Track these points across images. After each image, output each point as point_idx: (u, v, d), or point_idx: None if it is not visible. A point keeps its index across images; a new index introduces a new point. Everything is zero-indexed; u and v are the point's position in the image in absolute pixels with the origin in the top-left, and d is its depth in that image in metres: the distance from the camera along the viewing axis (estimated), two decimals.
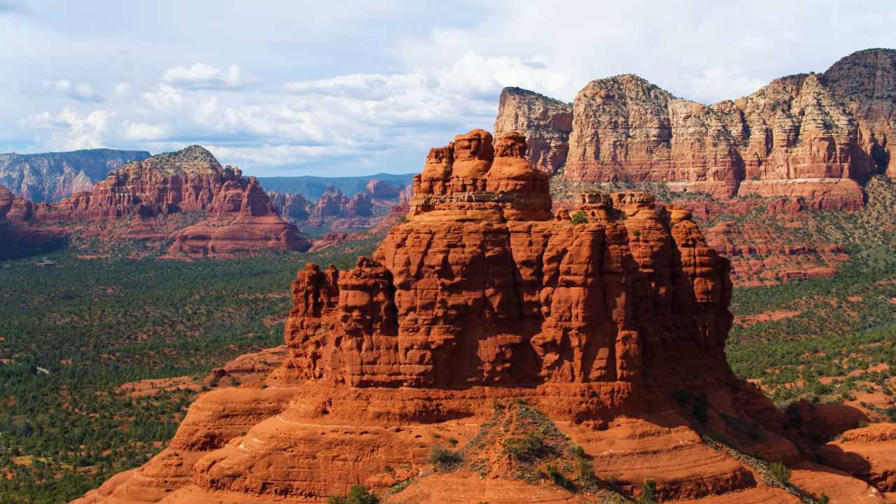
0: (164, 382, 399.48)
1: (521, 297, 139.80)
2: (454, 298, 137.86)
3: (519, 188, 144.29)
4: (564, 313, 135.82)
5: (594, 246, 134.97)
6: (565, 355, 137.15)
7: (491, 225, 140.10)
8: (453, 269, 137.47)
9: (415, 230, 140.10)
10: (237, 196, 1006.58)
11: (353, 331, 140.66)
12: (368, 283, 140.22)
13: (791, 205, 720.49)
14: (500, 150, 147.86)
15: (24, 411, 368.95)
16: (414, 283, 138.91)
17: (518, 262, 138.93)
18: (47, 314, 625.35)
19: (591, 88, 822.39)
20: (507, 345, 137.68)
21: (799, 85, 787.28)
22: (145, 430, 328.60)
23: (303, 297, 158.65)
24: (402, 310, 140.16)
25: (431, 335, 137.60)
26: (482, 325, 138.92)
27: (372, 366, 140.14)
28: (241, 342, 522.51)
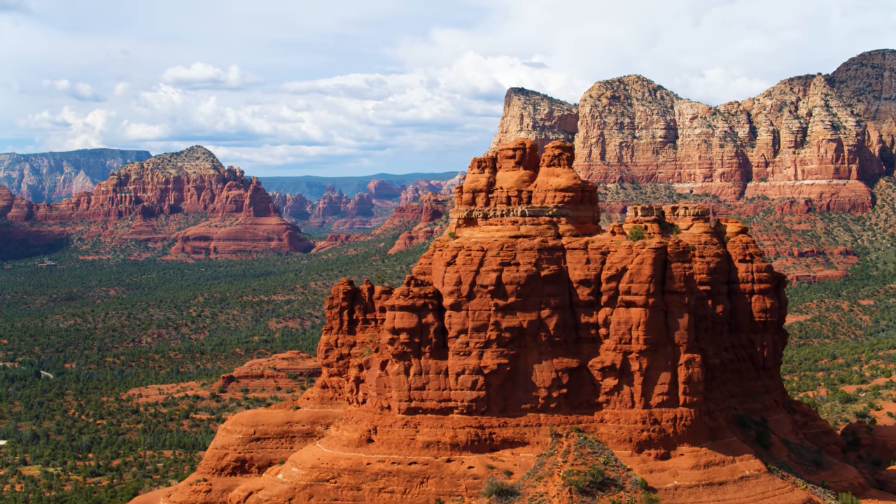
0: (172, 388, 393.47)
1: (577, 318, 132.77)
2: (508, 320, 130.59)
3: (567, 200, 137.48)
4: (624, 336, 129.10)
5: (656, 264, 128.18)
6: (625, 380, 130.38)
7: (546, 241, 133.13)
8: (507, 288, 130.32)
9: (465, 247, 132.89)
10: (239, 197, 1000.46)
11: (400, 354, 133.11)
12: (417, 303, 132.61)
13: (799, 206, 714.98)
14: (547, 160, 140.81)
15: (29, 417, 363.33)
16: (465, 303, 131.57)
17: (575, 282, 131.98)
18: (50, 316, 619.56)
19: (596, 89, 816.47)
20: (563, 369, 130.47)
21: (806, 86, 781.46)
22: (154, 439, 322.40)
23: (337, 313, 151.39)
24: (452, 332, 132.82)
25: (484, 359, 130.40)
26: (537, 348, 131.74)
27: (420, 392, 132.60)
28: (246, 346, 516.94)
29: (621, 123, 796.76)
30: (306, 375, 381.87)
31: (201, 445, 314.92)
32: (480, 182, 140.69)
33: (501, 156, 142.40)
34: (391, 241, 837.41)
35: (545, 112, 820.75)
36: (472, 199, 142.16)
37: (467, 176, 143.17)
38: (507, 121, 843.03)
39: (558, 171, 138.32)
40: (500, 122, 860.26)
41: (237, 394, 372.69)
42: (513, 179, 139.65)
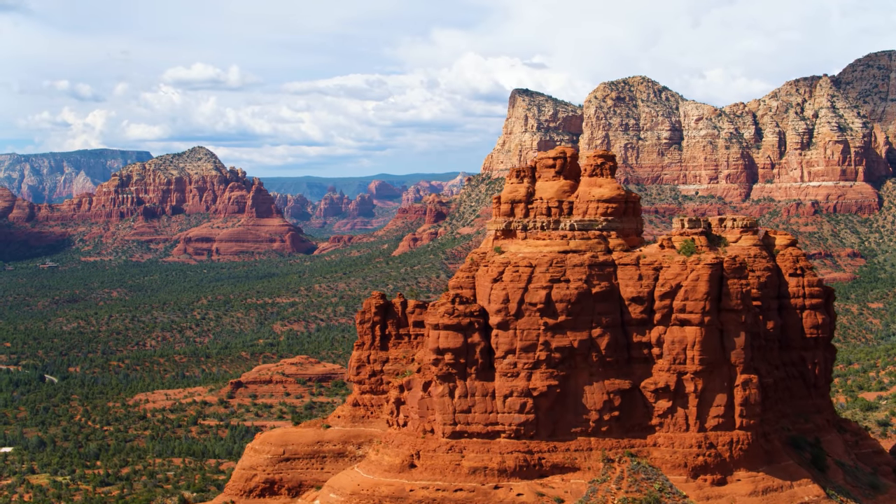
0: (179, 393, 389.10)
1: (629, 337, 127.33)
2: (558, 340, 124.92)
3: (610, 211, 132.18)
4: (678, 355, 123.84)
5: (711, 281, 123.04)
6: (679, 402, 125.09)
7: (596, 257, 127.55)
8: (557, 306, 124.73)
9: (513, 263, 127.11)
10: (242, 198, 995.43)
11: (445, 376, 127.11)
12: (462, 322, 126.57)
13: (805, 209, 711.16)
14: (589, 169, 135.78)
15: (35, 423, 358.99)
16: (513, 322, 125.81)
17: (626, 299, 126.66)
18: (53, 319, 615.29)
19: (601, 90, 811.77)
20: (615, 391, 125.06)
21: (812, 87, 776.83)
22: (163, 446, 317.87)
23: (369, 328, 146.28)
24: (499, 352, 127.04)
25: (533, 381, 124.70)
26: (588, 369, 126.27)
27: (466, 415, 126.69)
28: (252, 349, 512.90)
29: (626, 125, 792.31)
30: (315, 381, 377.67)
31: (211, 453, 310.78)
32: (519, 192, 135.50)
33: (541, 165, 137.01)
34: (395, 242, 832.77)
35: (550, 113, 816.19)
36: (510, 210, 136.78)
37: (505, 186, 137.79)
38: (512, 122, 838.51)
39: (601, 181, 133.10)
40: (504, 124, 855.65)
41: (245, 399, 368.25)
42: (553, 190, 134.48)
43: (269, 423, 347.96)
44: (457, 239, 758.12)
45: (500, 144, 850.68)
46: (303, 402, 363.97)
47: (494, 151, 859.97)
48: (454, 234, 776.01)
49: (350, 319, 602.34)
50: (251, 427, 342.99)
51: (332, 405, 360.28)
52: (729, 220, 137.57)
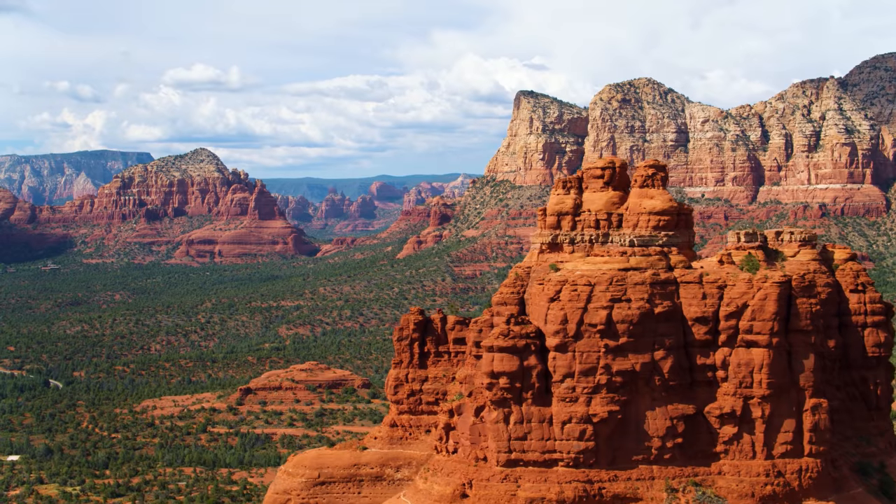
0: (187, 400, 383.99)
1: (692, 359, 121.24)
2: (619, 363, 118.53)
3: (662, 224, 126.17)
4: (745, 379, 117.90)
5: (780, 300, 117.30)
6: (745, 428, 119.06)
7: (658, 275, 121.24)
8: (618, 327, 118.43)
9: (570, 281, 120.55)
10: (244, 200, 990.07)
11: (499, 401, 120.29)
12: (518, 344, 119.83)
13: (812, 211, 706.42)
14: (640, 180, 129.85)
15: (41, 430, 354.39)
16: (572, 344, 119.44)
17: (690, 319, 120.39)
18: (56, 322, 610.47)
19: (606, 92, 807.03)
20: (678, 416, 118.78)
21: (818, 89, 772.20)
22: (173, 455, 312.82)
23: (407, 346, 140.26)
24: (557, 376, 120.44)
25: (593, 406, 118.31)
26: (650, 393, 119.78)
27: (522, 442, 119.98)
28: (258, 354, 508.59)
29: (632, 126, 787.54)
30: (325, 387, 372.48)
31: (222, 462, 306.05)
32: (566, 204, 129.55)
33: (588, 175, 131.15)
34: (398, 245, 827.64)
35: (555, 115, 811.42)
36: (556, 222, 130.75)
37: (551, 197, 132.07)
38: (517, 124, 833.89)
39: (652, 192, 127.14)
40: (508, 126, 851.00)
41: (255, 406, 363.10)
42: (601, 201, 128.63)
43: (279, 430, 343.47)
44: (462, 242, 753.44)
45: (504, 146, 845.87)
46: (313, 408, 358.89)
47: (499, 153, 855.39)
48: (459, 236, 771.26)
49: (355, 323, 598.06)
50: (261, 435, 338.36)
51: (342, 412, 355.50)
52: (786, 234, 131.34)
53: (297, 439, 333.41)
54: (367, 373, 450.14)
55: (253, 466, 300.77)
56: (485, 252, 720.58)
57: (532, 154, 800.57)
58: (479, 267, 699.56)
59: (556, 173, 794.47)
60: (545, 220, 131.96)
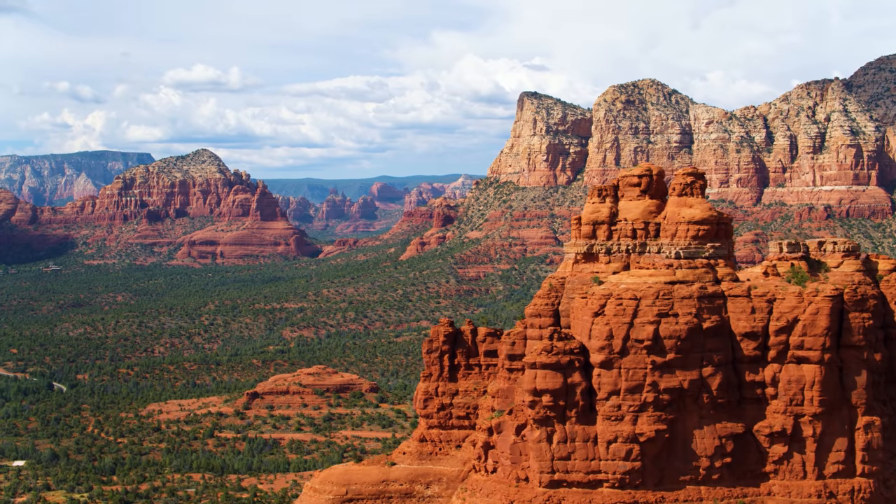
0: (193, 404, 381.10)
1: (741, 376, 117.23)
2: (667, 380, 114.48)
3: (702, 234, 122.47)
4: (795, 396, 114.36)
5: (832, 314, 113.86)
6: (795, 447, 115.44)
7: (705, 288, 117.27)
8: (666, 343, 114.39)
9: (615, 295, 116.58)
10: (246, 201, 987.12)
11: (542, 419, 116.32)
12: (562, 360, 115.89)
13: (818, 213, 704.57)
14: (678, 188, 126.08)
15: (46, 435, 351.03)
16: (618, 361, 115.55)
17: (739, 334, 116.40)
18: (58, 324, 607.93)
19: (611, 93, 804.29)
20: (727, 435, 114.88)
21: (823, 90, 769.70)
22: (181, 461, 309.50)
23: (437, 358, 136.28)
24: (602, 394, 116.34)
25: (639, 425, 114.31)
26: (698, 411, 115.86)
27: (565, 462, 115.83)
28: (262, 356, 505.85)
29: (636, 128, 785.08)
30: (333, 392, 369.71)
31: (230, 468, 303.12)
32: (602, 213, 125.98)
33: (624, 183, 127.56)
34: (401, 246, 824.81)
35: (559, 116, 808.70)
36: (592, 231, 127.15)
37: (586, 206, 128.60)
38: (520, 125, 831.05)
39: (691, 200, 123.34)
40: (512, 126, 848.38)
41: (262, 411, 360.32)
42: (638, 210, 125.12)
43: (287, 435, 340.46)
44: (465, 243, 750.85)
45: (508, 147, 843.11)
46: (321, 413, 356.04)
47: (502, 154, 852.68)
48: (462, 238, 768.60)
49: (359, 325, 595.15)
50: (269, 440, 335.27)
51: (350, 417, 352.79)
52: (829, 244, 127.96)
53: (305, 444, 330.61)
54: (373, 376, 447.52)
55: (262, 472, 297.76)
56: (489, 254, 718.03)
57: (536, 155, 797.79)
58: (482, 269, 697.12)
59: (559, 175, 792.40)
60: (580, 230, 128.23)
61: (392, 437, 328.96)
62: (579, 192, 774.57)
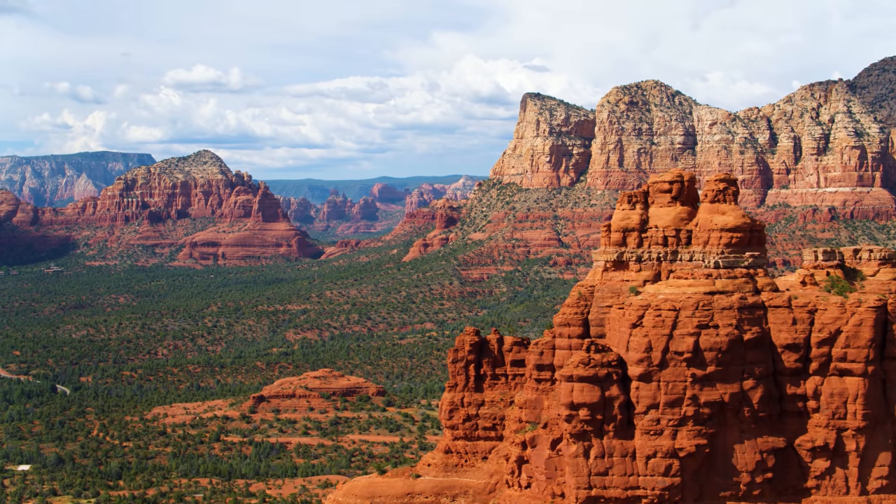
0: (198, 407, 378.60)
1: (782, 389, 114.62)
2: (707, 393, 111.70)
3: (735, 242, 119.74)
4: (838, 409, 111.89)
5: (876, 326, 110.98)
6: (838, 462, 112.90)
7: (745, 299, 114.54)
8: (706, 356, 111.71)
9: (653, 306, 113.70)
10: (248, 202, 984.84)
11: (579, 434, 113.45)
12: (599, 373, 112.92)
13: (822, 215, 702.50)
14: (711, 194, 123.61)
15: (51, 439, 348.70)
16: (657, 373, 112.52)
17: (780, 346, 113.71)
18: (61, 326, 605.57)
19: (614, 94, 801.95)
20: (769, 450, 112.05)
21: (827, 92, 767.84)
22: (188, 465, 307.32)
23: (462, 368, 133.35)
24: (640, 407, 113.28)
25: (679, 440, 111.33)
26: (739, 425, 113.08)
27: (603, 477, 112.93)
28: (266, 359, 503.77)
29: (639, 129, 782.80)
30: (340, 395, 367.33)
31: (238, 473, 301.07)
32: (632, 220, 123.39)
33: (654, 189, 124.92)
34: (404, 248, 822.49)
35: (562, 118, 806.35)
36: (622, 239, 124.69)
37: (616, 212, 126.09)
38: (523, 126, 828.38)
39: (724, 207, 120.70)
40: (515, 128, 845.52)
41: (268, 414, 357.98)
42: (669, 217, 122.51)
43: (293, 439, 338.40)
44: (468, 245, 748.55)
45: (511, 149, 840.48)
46: (327, 417, 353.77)
47: (504, 156, 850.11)
48: (465, 239, 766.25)
49: (363, 327, 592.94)
50: (276, 444, 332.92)
51: (357, 421, 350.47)
52: (865, 252, 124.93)
53: (312, 448, 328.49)
54: (378, 378, 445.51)
55: (269, 477, 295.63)
56: (492, 255, 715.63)
57: (539, 157, 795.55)
58: (486, 270, 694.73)
59: (562, 176, 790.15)
60: (609, 237, 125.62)
61: (400, 442, 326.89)
62: (582, 193, 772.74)
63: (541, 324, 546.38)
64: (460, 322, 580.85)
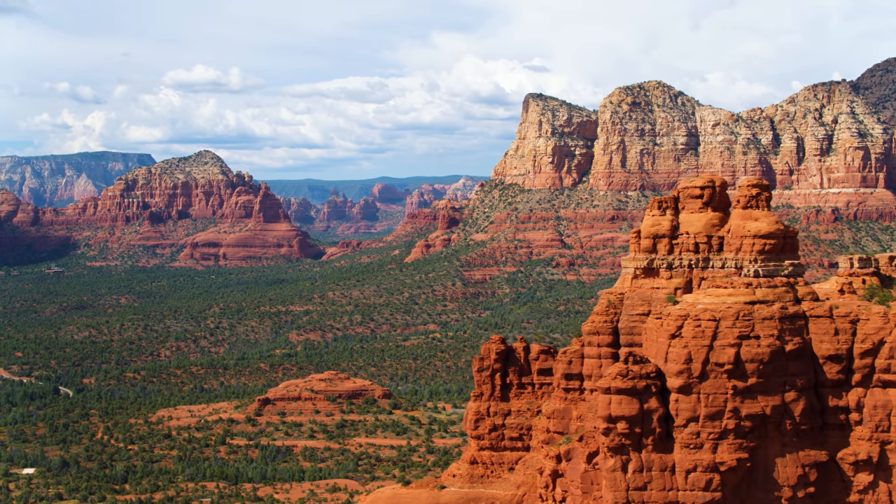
0: (203, 410, 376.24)
1: (823, 401, 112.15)
2: (748, 406, 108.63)
3: (768, 248, 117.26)
4: (881, 422, 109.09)
5: None
6: (881, 476, 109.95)
7: (786, 308, 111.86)
8: (747, 367, 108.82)
9: (693, 316, 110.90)
10: (249, 202, 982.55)
11: (617, 447, 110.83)
12: (638, 385, 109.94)
13: (825, 216, 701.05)
14: (743, 200, 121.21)
15: (55, 441, 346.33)
16: (697, 385, 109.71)
17: (822, 357, 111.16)
18: (63, 327, 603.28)
19: (616, 95, 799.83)
20: (810, 464, 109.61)
21: (830, 92, 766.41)
22: (194, 469, 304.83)
23: (488, 377, 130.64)
24: (679, 420, 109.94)
25: (719, 454, 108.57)
26: (780, 438, 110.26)
27: (641, 492, 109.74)
28: (270, 361, 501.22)
29: (642, 130, 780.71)
30: (345, 398, 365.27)
31: (244, 477, 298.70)
32: (662, 226, 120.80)
33: (685, 195, 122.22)
34: (405, 248, 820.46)
35: (564, 118, 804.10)
36: (652, 245, 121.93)
37: (645, 218, 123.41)
38: (526, 127, 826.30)
39: (756, 213, 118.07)
40: (517, 128, 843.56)
41: (274, 417, 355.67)
42: (700, 223, 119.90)
43: (299, 442, 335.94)
44: (471, 246, 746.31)
45: (513, 149, 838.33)
46: (333, 420, 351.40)
47: (507, 156, 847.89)
48: (468, 240, 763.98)
49: (366, 328, 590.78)
50: (282, 447, 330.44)
51: (364, 424, 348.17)
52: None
53: (318, 452, 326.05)
54: (382, 380, 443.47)
55: (276, 481, 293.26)
56: (494, 256, 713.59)
57: (541, 157, 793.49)
58: (488, 271, 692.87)
59: (565, 177, 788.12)
60: (639, 243, 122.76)
61: (407, 445, 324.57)
62: (585, 194, 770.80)
63: (544, 325, 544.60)
64: (464, 323, 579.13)
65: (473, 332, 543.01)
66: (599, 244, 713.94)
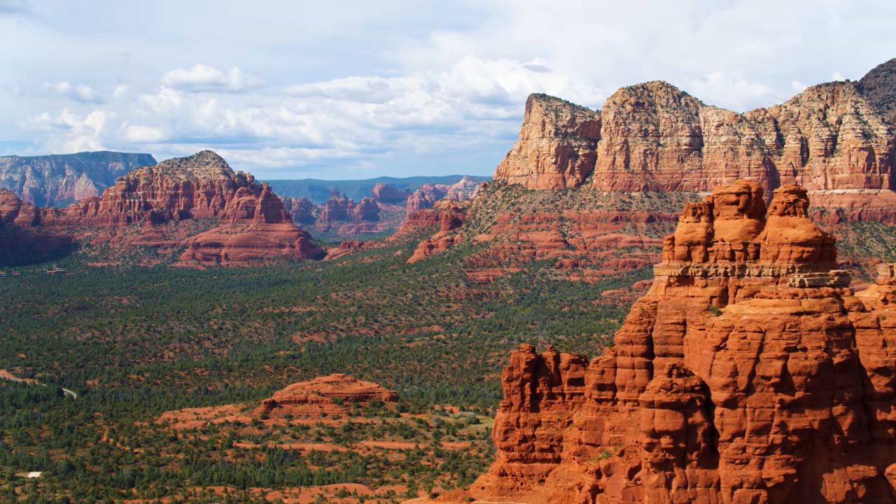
0: (209, 412, 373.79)
1: (872, 414, 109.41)
2: (796, 420, 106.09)
3: (806, 256, 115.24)
4: None
5: None
6: None
7: (833, 319, 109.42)
8: (795, 380, 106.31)
9: (738, 327, 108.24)
10: (250, 203, 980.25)
11: (661, 463, 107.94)
12: (682, 399, 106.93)
13: (829, 217, 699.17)
14: (780, 206, 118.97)
15: (60, 444, 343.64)
16: (743, 399, 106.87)
17: (870, 370, 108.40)
18: (65, 328, 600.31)
19: (620, 95, 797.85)
20: (859, 479, 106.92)
21: (834, 93, 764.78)
22: (201, 473, 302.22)
23: (517, 387, 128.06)
24: (725, 435, 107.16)
25: (766, 469, 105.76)
26: (828, 453, 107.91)
27: None
28: (274, 362, 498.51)
29: (645, 130, 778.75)
30: (352, 400, 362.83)
31: (252, 481, 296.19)
32: (697, 233, 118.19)
33: (720, 201, 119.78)
34: (408, 248, 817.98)
35: (567, 119, 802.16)
36: (686, 252, 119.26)
37: (679, 225, 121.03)
38: (528, 127, 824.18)
39: (794, 220, 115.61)
40: (520, 129, 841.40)
41: (280, 420, 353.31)
42: (736, 230, 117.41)
43: (307, 445, 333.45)
44: (474, 246, 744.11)
45: (516, 150, 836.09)
46: (341, 423, 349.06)
47: (509, 157, 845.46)
48: (471, 241, 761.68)
49: (370, 330, 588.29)
50: (289, 450, 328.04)
51: (371, 427, 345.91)
52: None
53: (326, 455, 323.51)
54: (388, 382, 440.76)
55: (285, 485, 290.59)
56: (498, 257, 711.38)
57: (544, 158, 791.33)
58: (492, 272, 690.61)
59: (568, 177, 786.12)
60: (673, 251, 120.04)
61: (415, 448, 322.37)
62: (588, 194, 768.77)
63: (549, 326, 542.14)
64: (468, 325, 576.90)
65: (478, 333, 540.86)
66: (603, 245, 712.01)
